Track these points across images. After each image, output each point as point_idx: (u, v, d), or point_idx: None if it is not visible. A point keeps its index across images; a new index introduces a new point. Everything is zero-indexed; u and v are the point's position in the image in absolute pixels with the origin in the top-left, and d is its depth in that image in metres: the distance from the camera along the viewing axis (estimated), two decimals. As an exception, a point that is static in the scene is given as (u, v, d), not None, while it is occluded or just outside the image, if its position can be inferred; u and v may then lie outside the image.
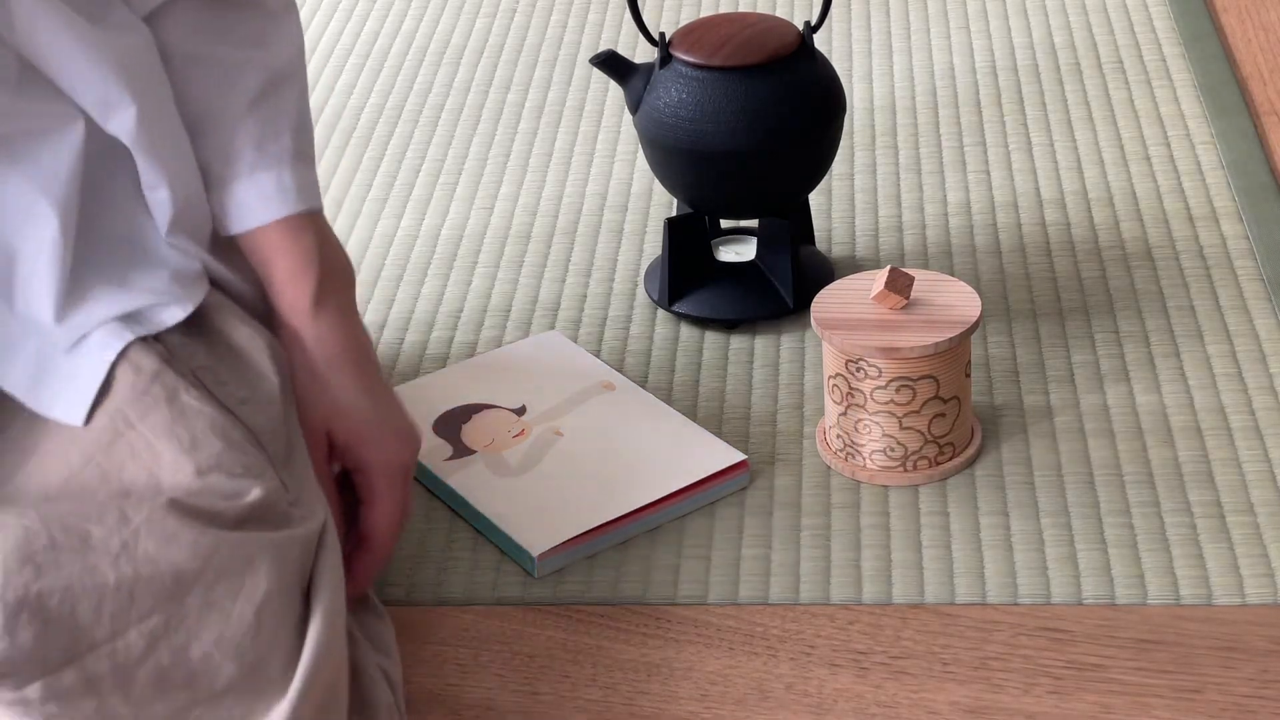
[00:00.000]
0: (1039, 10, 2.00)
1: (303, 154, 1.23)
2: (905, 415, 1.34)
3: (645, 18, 2.04)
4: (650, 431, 1.39)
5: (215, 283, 1.21)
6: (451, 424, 1.41)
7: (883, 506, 1.35)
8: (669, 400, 1.45)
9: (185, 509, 1.08)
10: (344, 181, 1.76)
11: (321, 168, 1.79)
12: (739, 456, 1.37)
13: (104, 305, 1.14)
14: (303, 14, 2.06)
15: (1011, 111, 1.82)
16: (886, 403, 1.34)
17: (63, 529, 1.06)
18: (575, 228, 1.67)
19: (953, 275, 1.58)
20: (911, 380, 1.33)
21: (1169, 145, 1.75)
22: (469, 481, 1.35)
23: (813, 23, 1.53)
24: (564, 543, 1.31)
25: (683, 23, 1.99)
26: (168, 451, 1.11)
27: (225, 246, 1.24)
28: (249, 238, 1.22)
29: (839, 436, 1.37)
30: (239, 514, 1.10)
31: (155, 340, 1.14)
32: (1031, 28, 1.97)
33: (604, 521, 1.32)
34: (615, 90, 1.87)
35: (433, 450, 1.38)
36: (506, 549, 1.32)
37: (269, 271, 1.22)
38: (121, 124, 1.16)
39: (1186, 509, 1.34)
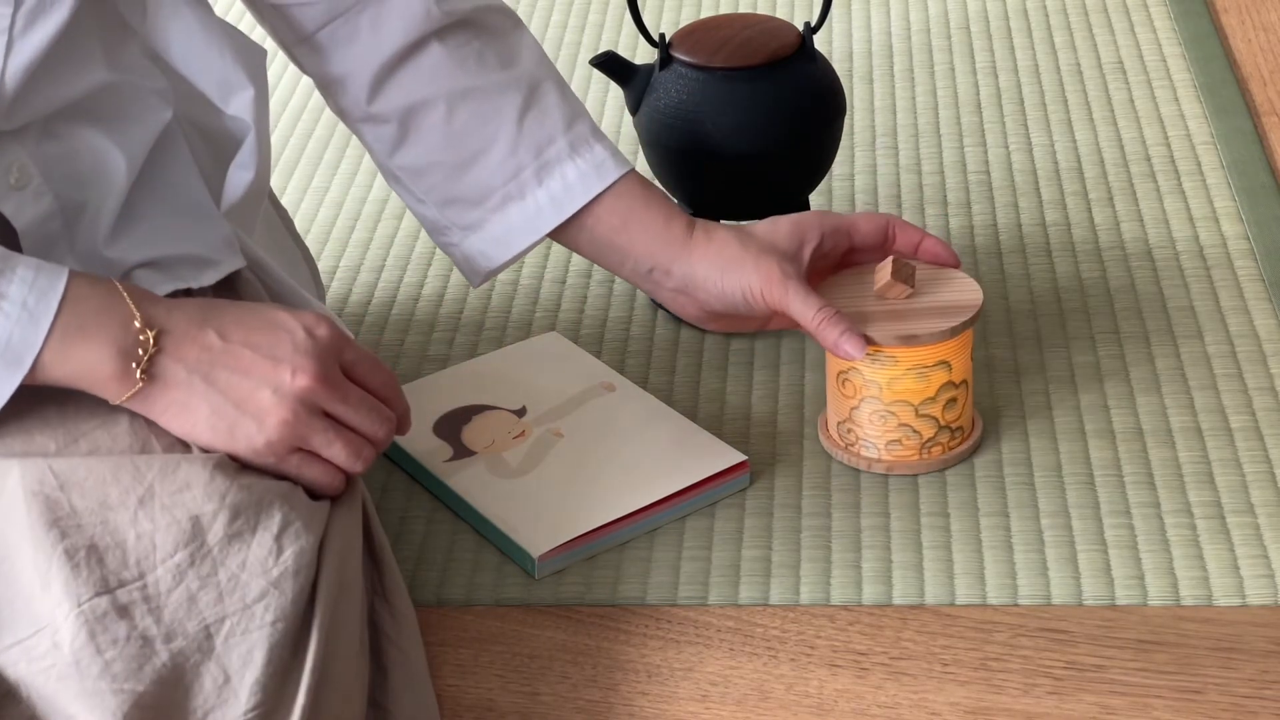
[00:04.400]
0: (1039, 11, 2.00)
1: (582, 140, 1.37)
2: (921, 403, 1.34)
3: (645, 18, 2.03)
4: (650, 432, 1.39)
5: (251, 270, 1.28)
6: (452, 425, 1.41)
7: (883, 508, 1.35)
8: (669, 401, 1.45)
9: (198, 456, 1.14)
10: (344, 182, 1.76)
11: (321, 168, 1.79)
12: (739, 457, 1.37)
13: (150, 246, 1.22)
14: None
15: (1011, 111, 1.82)
16: (904, 391, 1.34)
17: (81, 495, 1.11)
18: (575, 228, 1.67)
19: (953, 276, 1.59)
20: (928, 367, 1.33)
21: (1169, 145, 1.75)
22: (469, 483, 1.35)
23: (813, 23, 1.53)
24: (564, 544, 1.31)
25: (683, 23, 1.99)
26: None
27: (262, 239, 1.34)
28: (592, 216, 1.37)
29: (850, 430, 1.37)
30: None
31: (192, 297, 1.22)
32: (1032, 28, 1.97)
33: (604, 523, 1.32)
34: (615, 91, 1.87)
35: (433, 451, 1.38)
36: (507, 550, 1.32)
37: (632, 234, 1.37)
38: (242, 104, 1.26)
39: (1187, 509, 1.34)
